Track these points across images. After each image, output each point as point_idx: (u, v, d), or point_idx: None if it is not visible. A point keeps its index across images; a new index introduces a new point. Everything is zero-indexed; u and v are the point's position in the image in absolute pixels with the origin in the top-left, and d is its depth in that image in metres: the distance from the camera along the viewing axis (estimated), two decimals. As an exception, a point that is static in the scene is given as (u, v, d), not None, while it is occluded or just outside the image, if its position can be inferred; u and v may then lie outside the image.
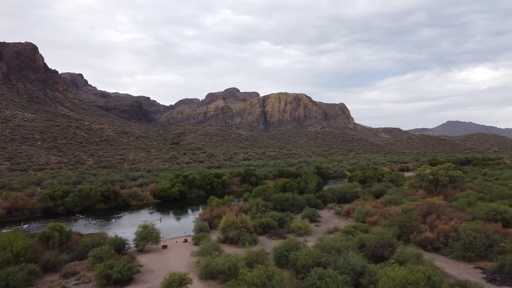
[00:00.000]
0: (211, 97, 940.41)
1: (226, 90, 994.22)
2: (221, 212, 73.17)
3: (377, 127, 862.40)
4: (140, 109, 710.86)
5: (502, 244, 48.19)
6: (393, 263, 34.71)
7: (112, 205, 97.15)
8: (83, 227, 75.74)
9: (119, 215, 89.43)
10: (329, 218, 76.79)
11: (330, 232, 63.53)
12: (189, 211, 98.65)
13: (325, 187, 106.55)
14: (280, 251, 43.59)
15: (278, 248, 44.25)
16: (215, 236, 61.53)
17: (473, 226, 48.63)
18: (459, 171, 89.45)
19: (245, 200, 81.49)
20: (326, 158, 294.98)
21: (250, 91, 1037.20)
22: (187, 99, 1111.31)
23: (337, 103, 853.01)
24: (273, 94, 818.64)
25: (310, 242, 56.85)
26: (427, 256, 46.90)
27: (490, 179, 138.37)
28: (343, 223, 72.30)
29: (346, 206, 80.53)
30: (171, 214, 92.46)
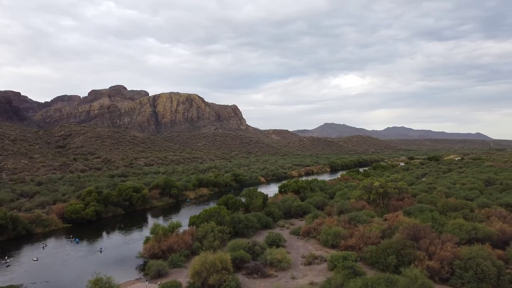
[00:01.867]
0: (95, 94, 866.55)
1: (111, 87, 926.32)
2: (172, 243, 60.72)
3: (264, 128, 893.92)
4: (9, 105, 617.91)
5: (508, 270, 46.70)
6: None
7: (10, 236, 75.77)
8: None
9: (41, 246, 70.28)
10: (290, 240, 69.51)
11: (309, 262, 56.18)
12: (112, 235, 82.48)
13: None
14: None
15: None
16: (181, 278, 49.56)
17: (479, 252, 46.01)
18: (404, 183, 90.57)
19: (193, 224, 69.71)
20: (230, 162, 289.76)
21: (138, 89, 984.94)
22: (65, 95, 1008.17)
23: (229, 104, 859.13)
24: (164, 93, 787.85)
25: (300, 279, 49.05)
26: (438, 289, 42.82)
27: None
28: (310, 247, 65.74)
29: (304, 226, 74.18)
30: (93, 242, 75.63)
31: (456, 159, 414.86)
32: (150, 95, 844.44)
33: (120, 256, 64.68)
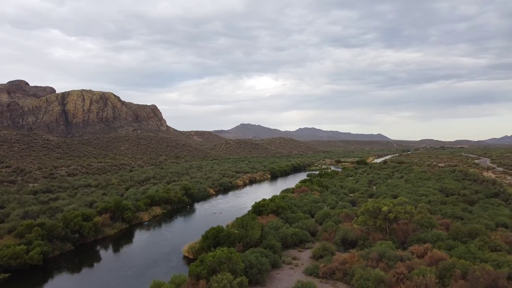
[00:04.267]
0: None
1: (10, 82, 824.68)
2: (188, 310, 45.77)
3: (180, 128, 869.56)
4: None
5: None
6: None
7: None
8: None
9: None
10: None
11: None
12: (75, 285, 63.42)
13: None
14: None
15: None
16: None
17: None
18: (412, 206, 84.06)
19: (198, 276, 54.67)
20: (162, 168, 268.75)
21: (42, 85, 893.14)
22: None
23: (147, 104, 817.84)
24: (75, 91, 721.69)
25: None
26: None
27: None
28: (347, 296, 55.00)
29: (323, 265, 62.92)
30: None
31: (376, 160, 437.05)
32: (58, 92, 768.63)
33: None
